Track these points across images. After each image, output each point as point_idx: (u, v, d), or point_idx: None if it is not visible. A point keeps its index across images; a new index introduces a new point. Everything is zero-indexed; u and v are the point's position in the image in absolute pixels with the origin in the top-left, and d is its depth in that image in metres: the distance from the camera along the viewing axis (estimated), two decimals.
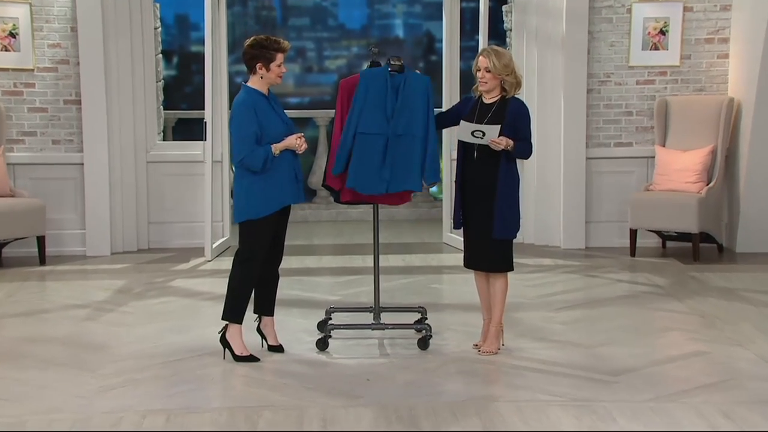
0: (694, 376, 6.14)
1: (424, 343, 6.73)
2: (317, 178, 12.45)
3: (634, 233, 9.99)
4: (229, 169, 10.39)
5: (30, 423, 5.38)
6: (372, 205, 6.90)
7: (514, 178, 6.51)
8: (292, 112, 10.54)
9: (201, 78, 10.26)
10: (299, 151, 6.40)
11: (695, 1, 10.32)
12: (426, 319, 7.09)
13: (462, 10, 10.70)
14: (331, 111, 10.43)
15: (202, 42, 10.27)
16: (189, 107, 14.29)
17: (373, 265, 6.95)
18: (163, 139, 11.35)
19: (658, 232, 10.21)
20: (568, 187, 10.36)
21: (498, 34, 11.17)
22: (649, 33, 10.34)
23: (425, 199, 12.96)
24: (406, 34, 16.52)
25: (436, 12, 13.63)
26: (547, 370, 6.24)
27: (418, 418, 5.41)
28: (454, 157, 7.54)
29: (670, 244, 10.32)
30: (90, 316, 7.78)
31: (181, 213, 10.63)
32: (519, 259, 7.68)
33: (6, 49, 10.09)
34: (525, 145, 6.49)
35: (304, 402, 5.67)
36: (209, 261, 9.92)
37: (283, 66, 6.42)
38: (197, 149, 10.40)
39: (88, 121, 10.10)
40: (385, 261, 9.53)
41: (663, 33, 10.32)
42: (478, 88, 6.54)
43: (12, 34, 10.07)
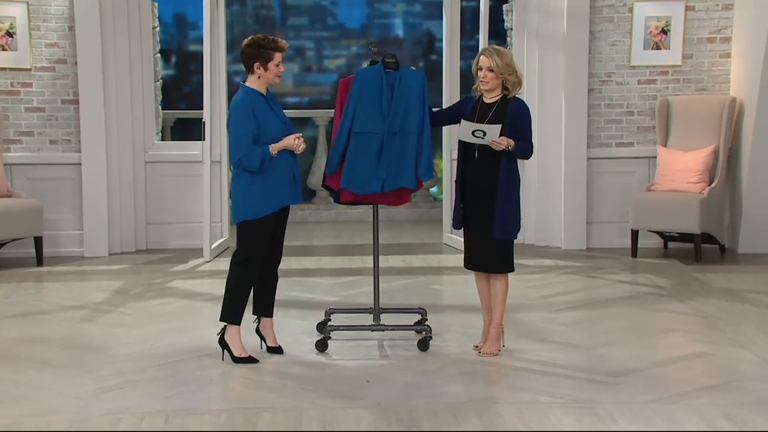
0: (695, 377, 6.13)
1: (424, 345, 6.72)
2: (316, 178, 12.45)
3: (635, 234, 9.98)
4: (228, 170, 10.36)
5: (27, 425, 5.38)
6: (372, 205, 6.89)
7: (515, 178, 6.50)
8: (291, 111, 10.53)
9: (199, 77, 10.29)
10: (297, 152, 6.39)
11: (697, 0, 10.28)
12: (426, 320, 7.08)
13: (462, 10, 10.69)
14: (331, 111, 10.44)
15: (200, 41, 10.27)
16: (187, 107, 14.35)
17: (372, 265, 6.94)
18: (162, 139, 11.32)
19: (660, 233, 10.20)
20: (569, 187, 10.35)
21: (498, 34, 11.18)
22: (650, 32, 10.32)
23: (425, 199, 12.96)
24: (406, 34, 16.53)
25: (436, 11, 13.64)
26: (547, 372, 6.23)
27: (418, 419, 5.40)
28: (455, 156, 7.53)
29: (671, 244, 10.31)
30: (88, 317, 7.77)
31: (179, 213, 10.62)
32: (519, 259, 7.67)
33: (3, 49, 10.08)
34: (526, 145, 6.48)
35: (303, 403, 5.66)
36: (208, 262, 9.91)
37: (281, 65, 6.41)
38: (196, 149, 10.40)
39: (85, 121, 10.09)
40: (385, 262, 9.52)
41: (665, 32, 10.30)
42: (480, 88, 6.53)
43: (9, 34, 10.06)
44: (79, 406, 5.65)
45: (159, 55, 10.89)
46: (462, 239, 6.77)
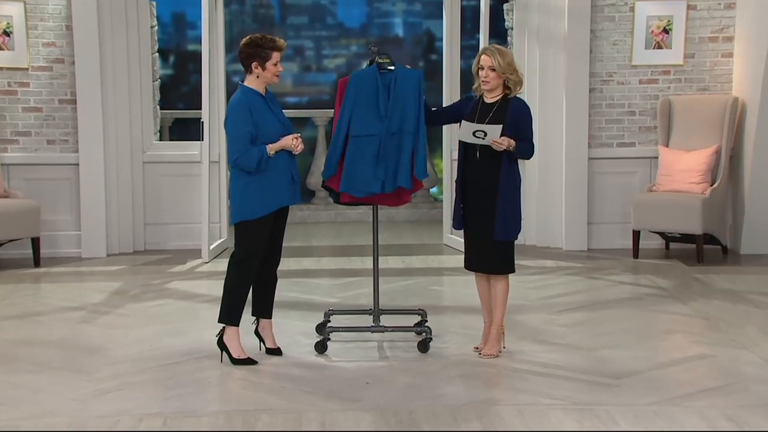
0: (697, 379, 6.13)
1: (424, 346, 6.71)
2: (315, 178, 12.44)
3: (636, 234, 9.96)
4: (227, 170, 10.33)
5: (25, 427, 5.39)
6: (371, 206, 6.88)
7: (516, 178, 6.50)
8: (290, 111, 10.49)
9: (198, 77, 10.30)
10: (295, 152, 6.38)
11: None
12: (426, 321, 7.07)
13: (462, 9, 10.67)
14: (330, 111, 10.42)
15: (199, 41, 10.25)
16: (186, 107, 14.35)
17: (372, 266, 6.93)
18: (160, 139, 11.34)
19: (662, 234, 10.19)
20: (570, 187, 10.32)
21: (499, 33, 11.17)
22: (652, 31, 10.30)
23: (425, 200, 12.94)
24: (406, 33, 16.53)
25: (436, 10, 13.64)
26: (548, 373, 6.23)
27: (418, 421, 5.40)
28: (455, 157, 7.51)
29: (673, 245, 10.30)
30: (85, 318, 7.76)
31: (177, 214, 10.60)
32: (520, 260, 7.63)
33: (0, 48, 10.02)
34: (527, 146, 6.49)
35: (302, 405, 5.66)
36: (206, 263, 9.90)
37: (279, 65, 6.40)
38: (194, 149, 10.38)
39: (83, 120, 10.07)
40: (385, 263, 9.50)
41: (666, 31, 10.28)
42: (481, 88, 6.52)
43: (6, 33, 10.04)
44: (77, 408, 5.65)
45: (157, 54, 10.87)
46: (462, 240, 6.78)
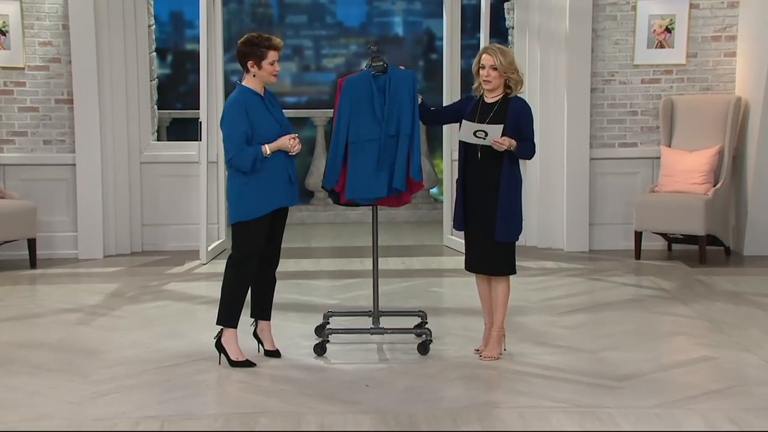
0: (700, 382, 6.14)
1: (424, 348, 6.70)
2: (315, 179, 12.44)
3: (639, 236, 9.95)
4: (225, 170, 10.29)
5: (21, 430, 5.38)
6: (371, 206, 6.88)
7: (517, 179, 6.50)
8: (289, 111, 10.43)
9: (196, 77, 10.31)
10: (292, 152, 6.37)
11: None
12: (426, 323, 7.06)
13: (463, 8, 10.66)
14: (329, 111, 10.36)
15: (197, 40, 10.28)
16: (184, 107, 14.40)
17: (372, 268, 6.93)
18: (158, 140, 11.32)
19: (664, 235, 10.17)
20: (572, 188, 10.30)
21: (500, 32, 11.16)
22: (654, 31, 10.27)
23: (425, 200, 12.93)
24: (406, 32, 16.56)
25: (436, 9, 13.62)
26: (549, 376, 6.22)
27: (418, 424, 5.42)
28: (455, 157, 7.49)
29: (676, 246, 10.29)
30: (82, 320, 7.76)
31: (175, 215, 10.58)
32: (521, 262, 7.66)
33: None
34: (528, 146, 6.49)
35: (301, 408, 5.67)
36: (204, 264, 9.89)
37: (276, 64, 6.40)
38: (192, 150, 10.37)
39: (80, 120, 10.05)
40: (385, 264, 9.49)
41: (669, 31, 10.26)
42: (482, 87, 6.52)
43: (2, 32, 10.02)
44: (74, 411, 5.64)
45: (155, 53, 10.85)
46: (463, 241, 6.79)
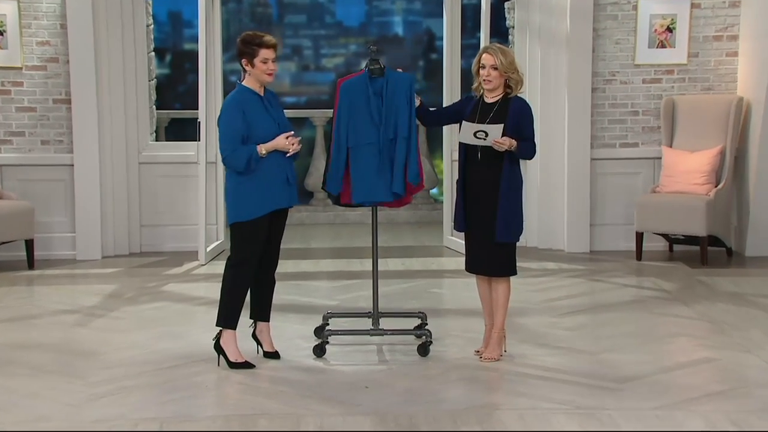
0: (702, 383, 6.13)
1: (424, 350, 6.70)
2: (314, 179, 12.42)
3: (640, 236, 9.93)
4: (223, 171, 10.28)
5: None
6: (371, 207, 6.88)
7: (518, 179, 6.49)
8: (288, 111, 10.38)
9: (195, 77, 10.33)
10: (291, 152, 6.34)
11: None
12: (426, 324, 7.06)
13: (463, 7, 10.66)
14: (329, 111, 10.31)
15: (195, 40, 10.28)
16: (182, 107, 14.45)
17: (371, 269, 6.92)
18: (156, 140, 11.32)
19: (665, 236, 10.16)
20: (573, 188, 10.30)
21: (500, 32, 11.15)
22: (655, 30, 10.26)
23: (425, 201, 12.92)
24: (406, 32, 16.59)
25: (436, 9, 13.64)
26: (550, 377, 6.21)
27: (418, 426, 5.43)
28: (455, 158, 7.48)
29: (677, 247, 10.29)
30: (80, 321, 7.76)
31: (174, 215, 10.58)
32: (522, 262, 7.64)
33: None
34: (528, 146, 6.49)
35: (300, 410, 5.64)
36: (203, 265, 9.88)
37: (270, 63, 6.36)
38: (191, 150, 10.36)
39: (78, 121, 10.04)
40: (384, 265, 9.49)
41: (670, 30, 10.25)
42: (482, 87, 6.51)
43: None
44: (72, 412, 5.63)
45: (153, 53, 10.85)
46: (463, 242, 6.79)
